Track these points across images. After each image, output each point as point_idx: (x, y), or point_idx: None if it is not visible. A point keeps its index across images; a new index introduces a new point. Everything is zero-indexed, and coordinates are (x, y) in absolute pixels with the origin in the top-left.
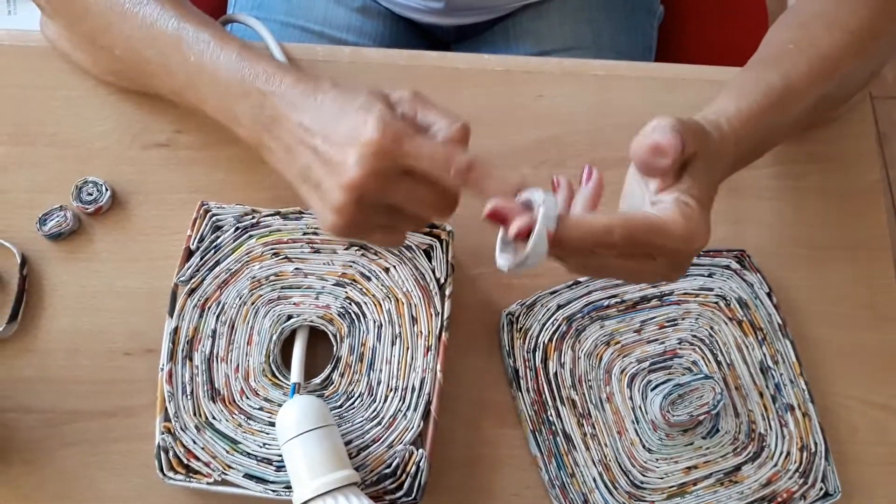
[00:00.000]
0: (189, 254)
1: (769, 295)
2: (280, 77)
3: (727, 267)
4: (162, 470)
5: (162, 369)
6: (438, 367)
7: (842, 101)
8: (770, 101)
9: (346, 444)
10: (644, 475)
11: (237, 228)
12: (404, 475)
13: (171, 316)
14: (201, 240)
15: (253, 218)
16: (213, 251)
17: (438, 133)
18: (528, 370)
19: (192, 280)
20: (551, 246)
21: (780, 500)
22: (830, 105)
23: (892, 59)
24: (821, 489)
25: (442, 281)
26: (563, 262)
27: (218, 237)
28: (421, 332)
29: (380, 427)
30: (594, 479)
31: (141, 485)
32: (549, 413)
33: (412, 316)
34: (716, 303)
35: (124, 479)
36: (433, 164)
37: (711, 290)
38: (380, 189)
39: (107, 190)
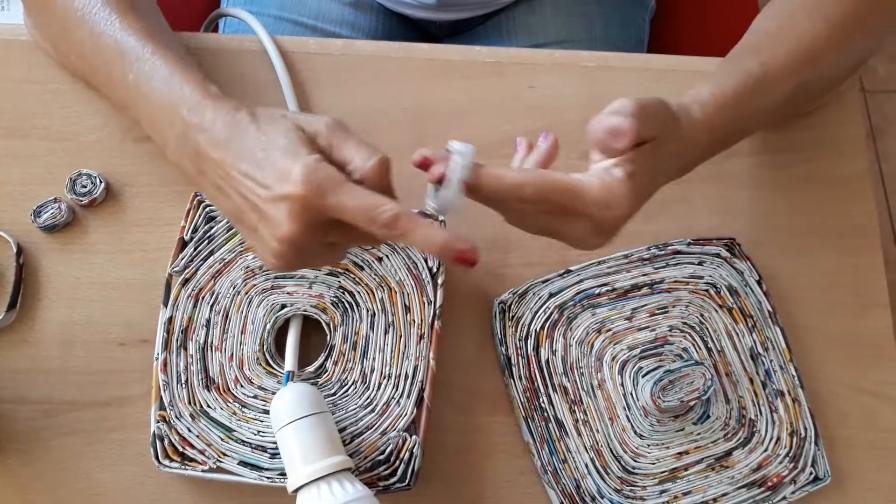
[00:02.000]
0: (183, 244)
1: (759, 282)
2: (202, 109)
3: (717, 255)
4: (157, 458)
5: (157, 358)
6: (431, 355)
7: (823, 91)
8: (747, 88)
9: (340, 431)
10: (636, 461)
11: None
12: (398, 461)
13: (166, 306)
14: (195, 230)
15: None
16: (206, 241)
17: (354, 172)
18: (520, 358)
19: (186, 270)
20: (465, 192)
21: (770, 484)
22: (810, 95)
23: (883, 54)
24: (811, 473)
25: (434, 270)
26: (496, 210)
27: (211, 227)
28: (414, 320)
29: (373, 414)
30: (586, 465)
31: (136, 473)
32: (541, 400)
33: (405, 305)
34: (706, 290)
35: (120, 468)
36: (358, 218)
37: (702, 277)
38: (314, 237)
39: (101, 182)
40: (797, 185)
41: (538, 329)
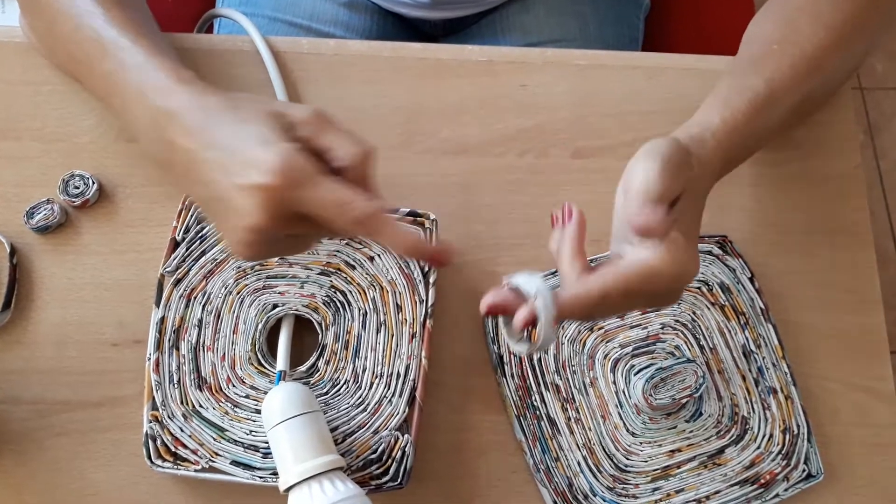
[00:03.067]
0: (175, 244)
1: (751, 280)
2: (172, 94)
3: (709, 252)
4: (150, 458)
5: (149, 359)
6: (423, 354)
7: (825, 97)
8: (755, 107)
9: (332, 430)
10: (628, 458)
11: None
12: (390, 460)
13: (158, 306)
14: (187, 230)
15: None
16: (198, 241)
17: (336, 160)
18: (512, 356)
19: (178, 270)
20: (557, 324)
21: (763, 481)
22: (814, 103)
23: (881, 52)
24: (803, 470)
25: (426, 269)
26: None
27: (203, 227)
28: (405, 319)
29: (365, 413)
30: (579, 463)
31: (130, 473)
32: (533, 398)
33: (397, 304)
34: (698, 288)
35: (113, 468)
36: (329, 212)
37: None
38: (282, 228)
39: (93, 183)
40: (790, 183)
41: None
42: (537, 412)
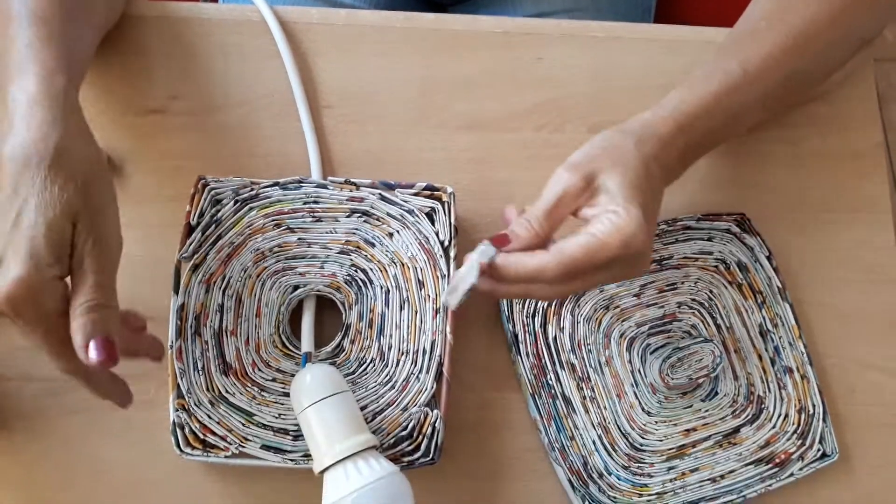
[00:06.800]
0: (190, 229)
1: (769, 258)
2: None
3: (727, 230)
4: (179, 446)
5: (171, 347)
6: (448, 329)
7: (823, 74)
8: (725, 90)
9: (362, 409)
10: (643, 437)
11: (237, 201)
12: (421, 437)
13: (176, 293)
14: (201, 215)
15: (252, 190)
16: (214, 226)
17: (74, 313)
18: (527, 335)
19: (195, 256)
20: (487, 276)
21: (778, 461)
22: (809, 80)
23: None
24: (818, 450)
25: (446, 243)
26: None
27: (218, 211)
28: (428, 295)
29: (393, 391)
30: (593, 442)
31: (143, 451)
32: (548, 377)
33: (419, 279)
34: (715, 266)
35: (126, 446)
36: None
37: (711, 253)
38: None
39: None
40: (809, 160)
41: (545, 306)
42: (552, 391)
